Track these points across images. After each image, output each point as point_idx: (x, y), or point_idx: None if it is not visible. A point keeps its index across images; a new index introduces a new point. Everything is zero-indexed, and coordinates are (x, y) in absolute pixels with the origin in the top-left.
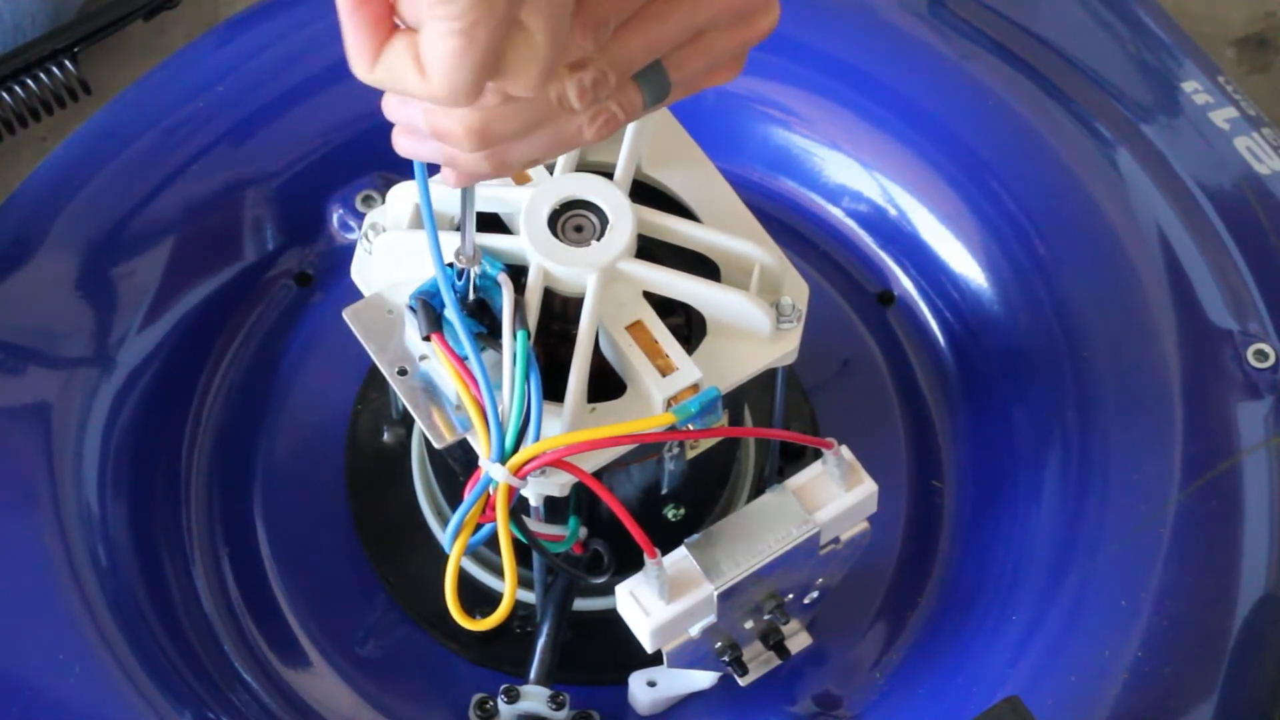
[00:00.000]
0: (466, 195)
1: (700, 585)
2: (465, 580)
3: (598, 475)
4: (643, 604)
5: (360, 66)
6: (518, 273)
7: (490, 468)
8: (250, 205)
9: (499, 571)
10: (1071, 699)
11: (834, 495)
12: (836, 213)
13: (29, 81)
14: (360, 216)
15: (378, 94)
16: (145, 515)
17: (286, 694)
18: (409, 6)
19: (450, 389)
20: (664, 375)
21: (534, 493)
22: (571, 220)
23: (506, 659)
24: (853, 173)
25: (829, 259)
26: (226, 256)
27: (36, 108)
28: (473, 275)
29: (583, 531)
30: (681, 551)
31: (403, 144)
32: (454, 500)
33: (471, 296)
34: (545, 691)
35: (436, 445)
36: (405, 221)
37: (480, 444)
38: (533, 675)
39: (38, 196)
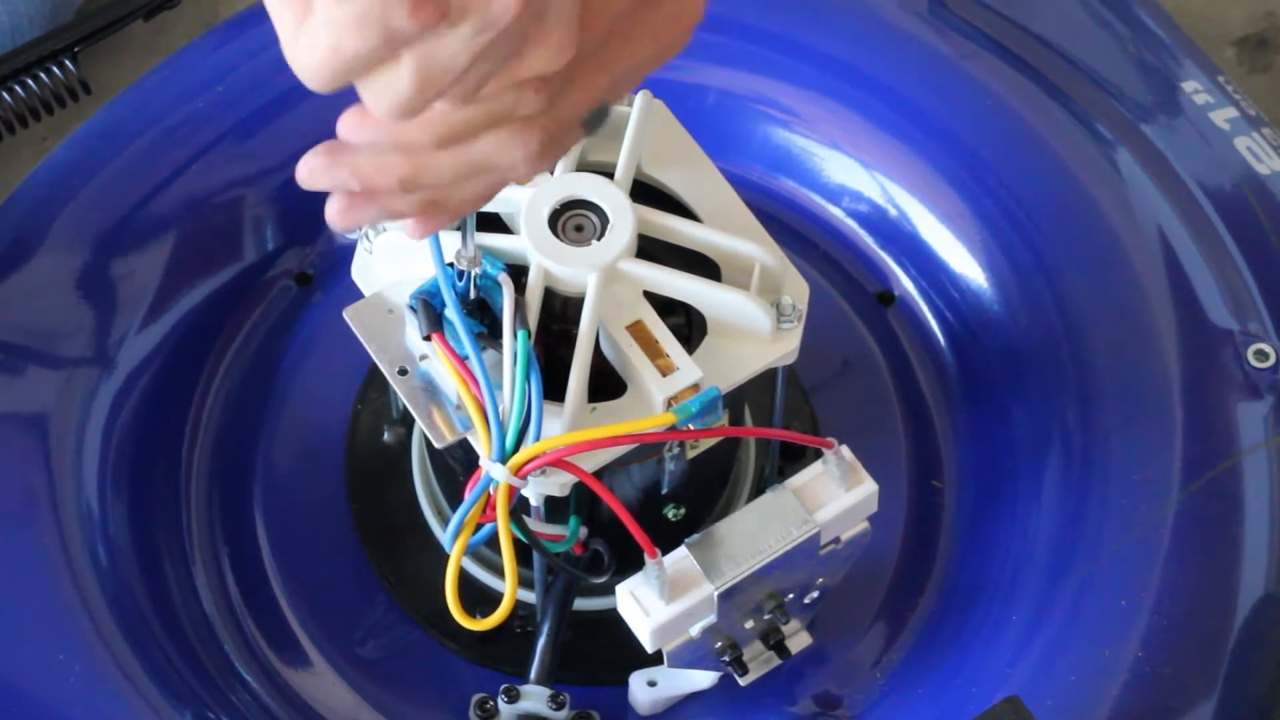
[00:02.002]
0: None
1: (700, 585)
2: (465, 580)
3: (598, 475)
4: (643, 604)
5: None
6: (518, 272)
7: (491, 467)
8: (250, 205)
9: (499, 571)
10: (1071, 699)
11: (834, 495)
12: (836, 213)
13: (29, 81)
14: None
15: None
16: (145, 515)
17: (286, 694)
18: None
19: (450, 389)
20: (664, 375)
21: (534, 492)
22: (572, 220)
23: (506, 659)
24: (853, 173)
25: (829, 259)
26: (226, 256)
27: (36, 108)
28: (473, 276)
29: (583, 531)
30: (681, 551)
31: (342, 220)
32: (454, 500)
33: (472, 296)
34: (545, 691)
35: (437, 445)
36: None
37: (480, 444)
38: (533, 675)
39: (38, 196)
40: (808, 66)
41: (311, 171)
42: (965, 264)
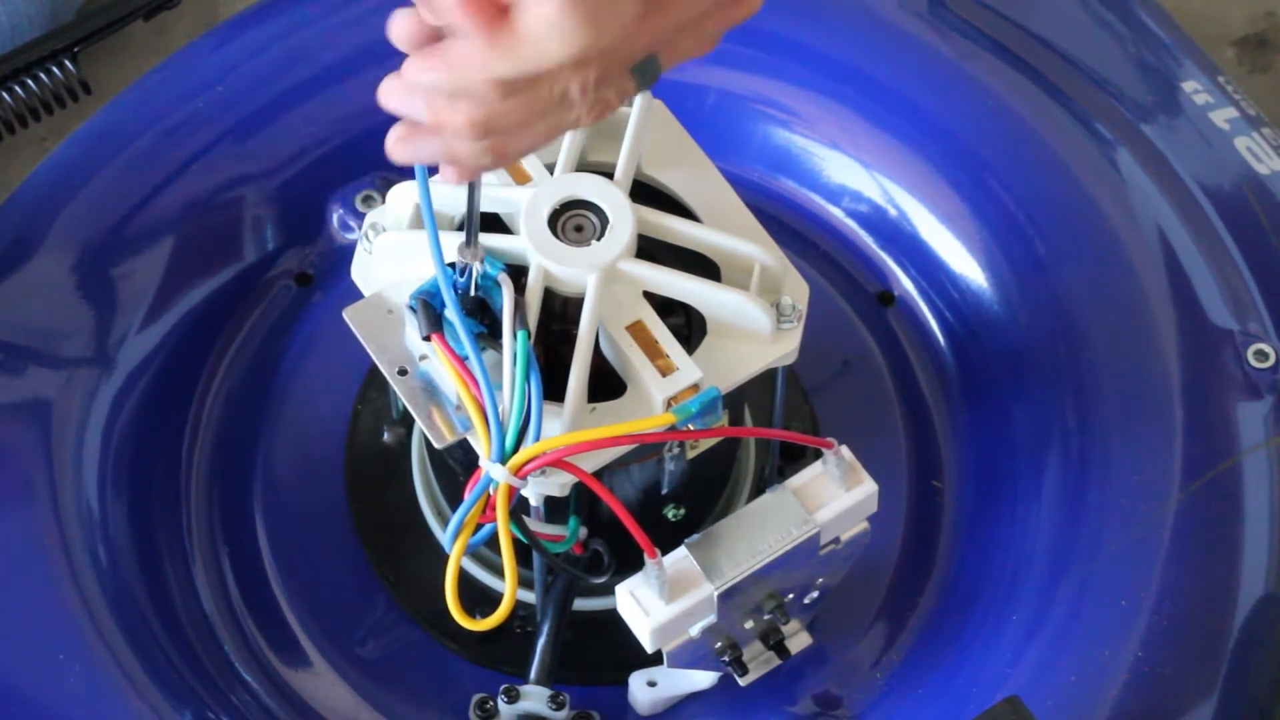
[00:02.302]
0: (473, 190)
1: (700, 585)
2: (465, 580)
3: (598, 475)
4: (643, 604)
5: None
6: (518, 273)
7: (490, 468)
8: (250, 205)
9: (499, 571)
10: (1071, 699)
11: (834, 495)
12: (836, 213)
13: (29, 81)
14: (360, 216)
15: (377, 93)
16: (145, 515)
17: (286, 694)
18: None
19: (450, 389)
20: (664, 375)
21: (534, 493)
22: (572, 220)
23: (506, 659)
24: (853, 173)
25: (829, 259)
26: (226, 256)
27: (36, 108)
28: (475, 272)
29: (583, 531)
30: (681, 551)
31: (399, 151)
32: (454, 500)
33: (472, 294)
34: (545, 691)
35: (437, 445)
36: (405, 221)
37: (480, 444)
38: (533, 675)
39: (38, 196)
40: (808, 67)
41: (388, 90)
42: (965, 264)
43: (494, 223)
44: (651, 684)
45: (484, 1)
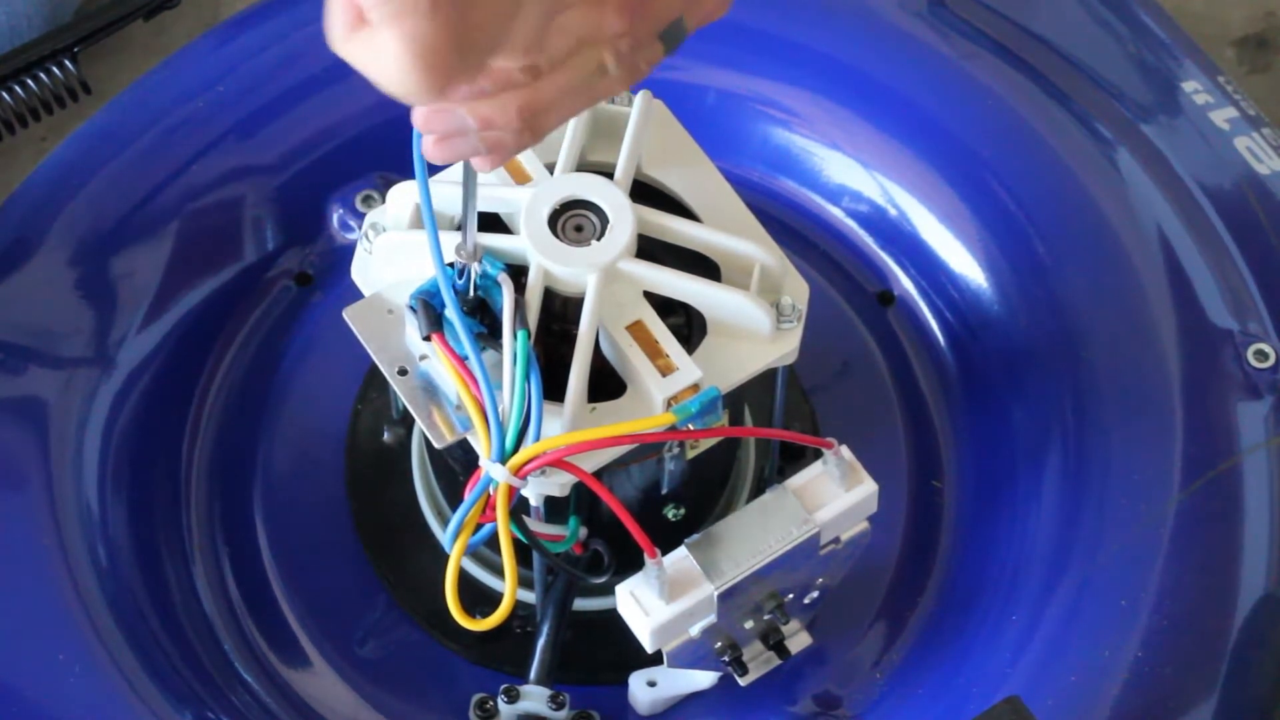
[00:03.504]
0: (468, 189)
1: (700, 585)
2: (465, 580)
3: (598, 475)
4: (643, 604)
5: (334, 39)
6: (518, 272)
7: (490, 467)
8: (250, 205)
9: (499, 571)
10: (1071, 699)
11: (834, 495)
12: (836, 213)
13: (29, 81)
14: (360, 216)
15: (378, 93)
16: (145, 515)
17: (286, 694)
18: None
19: (450, 389)
20: (664, 375)
21: (534, 493)
22: (572, 220)
23: (506, 659)
24: (853, 173)
25: (829, 259)
26: (226, 256)
27: (36, 108)
28: (474, 272)
29: (583, 531)
30: (681, 551)
31: (441, 154)
32: (454, 500)
33: (472, 294)
34: (545, 691)
35: (436, 445)
36: (405, 221)
37: (480, 444)
38: (533, 675)
39: (38, 196)
40: (808, 67)
41: (429, 114)
42: (965, 264)
43: (494, 222)
44: (651, 684)
45: None
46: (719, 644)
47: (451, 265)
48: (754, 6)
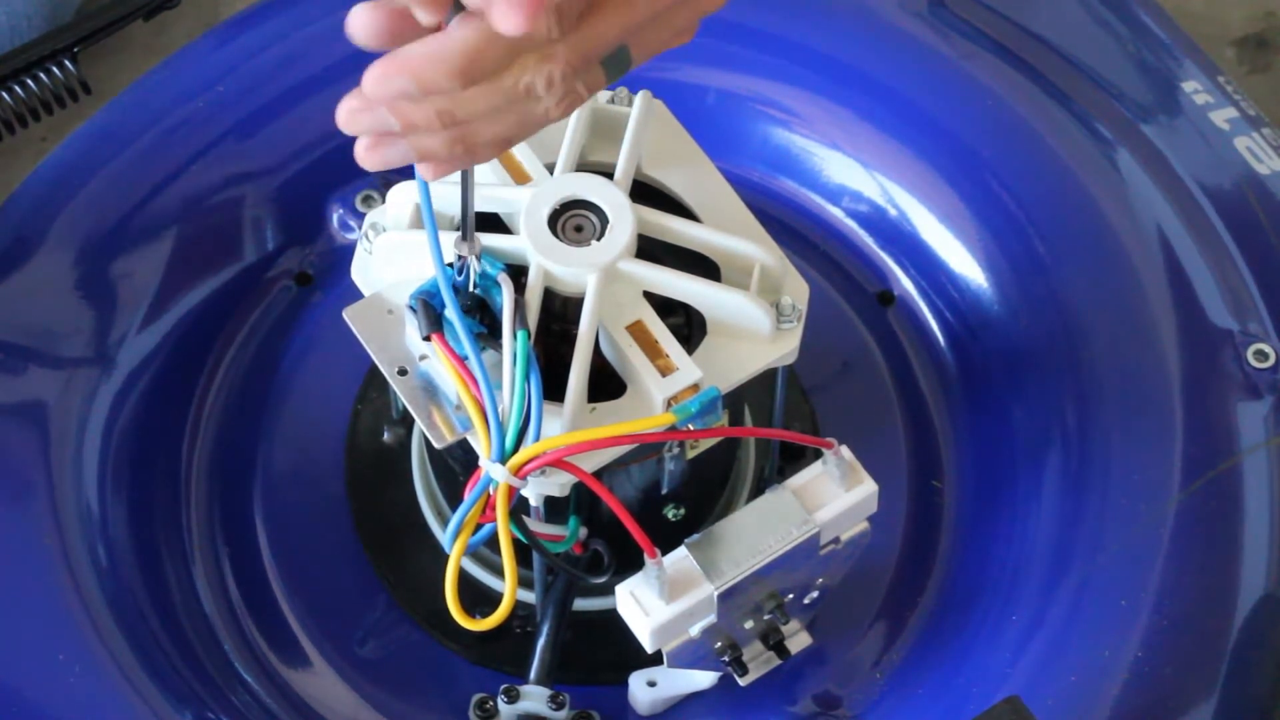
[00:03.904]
0: (466, 184)
1: (700, 585)
2: (465, 580)
3: (598, 475)
4: (643, 604)
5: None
6: (518, 273)
7: (490, 468)
8: (250, 205)
9: (499, 571)
10: (1071, 699)
11: (834, 495)
12: (836, 213)
13: (29, 81)
14: (360, 216)
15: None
16: (145, 515)
17: (286, 694)
18: None
19: (450, 389)
20: (664, 375)
21: (534, 493)
22: (572, 220)
23: (506, 659)
24: (853, 173)
25: (829, 259)
26: (226, 256)
27: (36, 108)
28: (473, 267)
29: (583, 531)
30: (681, 551)
31: (370, 159)
32: (454, 500)
33: (471, 288)
34: (545, 691)
35: (436, 445)
36: (405, 221)
37: (480, 444)
38: (533, 675)
39: (38, 196)
40: (808, 67)
41: (351, 112)
42: (965, 264)
43: (494, 222)
44: (651, 684)
45: None
46: (719, 644)
47: (451, 265)
48: (754, 6)
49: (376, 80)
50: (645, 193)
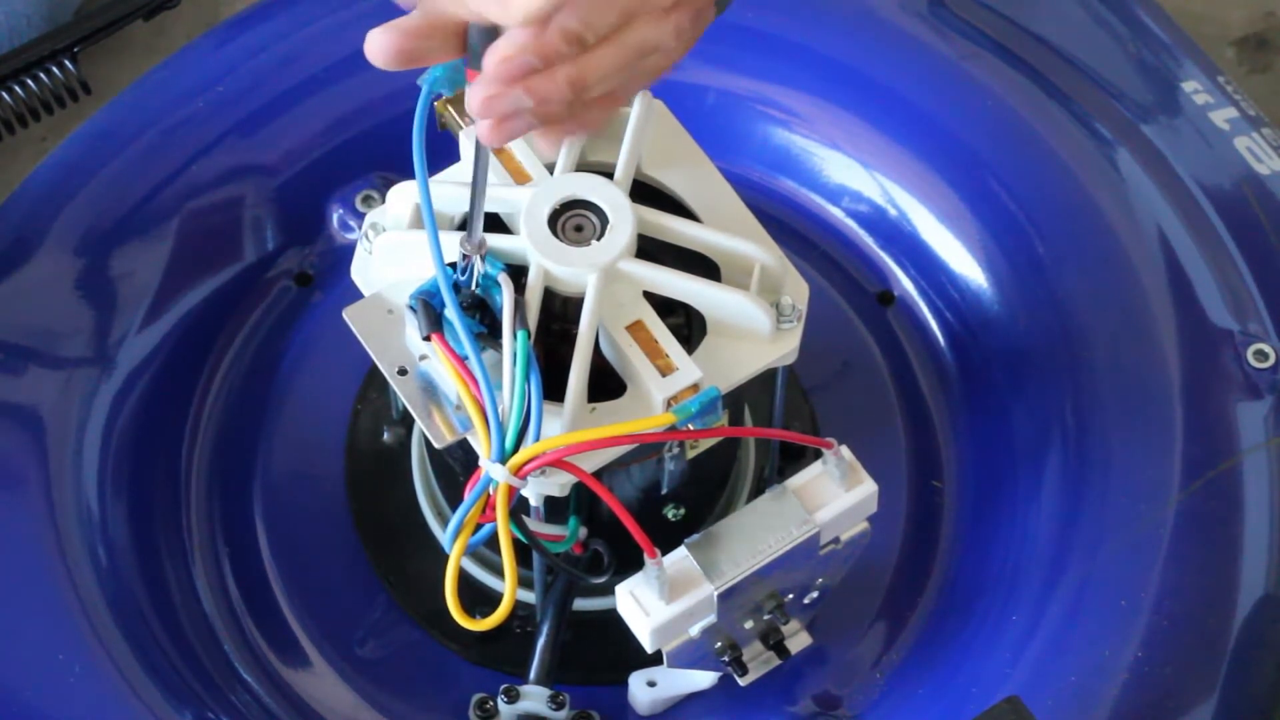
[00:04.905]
0: (478, 179)
1: (700, 585)
2: (465, 580)
3: (598, 475)
4: (643, 604)
5: None
6: (518, 272)
7: (490, 468)
8: (250, 205)
9: (499, 571)
10: (1071, 699)
11: (834, 495)
12: (836, 213)
13: (29, 81)
14: (360, 216)
15: (378, 93)
16: (145, 515)
17: (286, 694)
18: None
19: (450, 389)
20: (664, 375)
21: (534, 493)
22: (572, 220)
23: (506, 659)
24: (853, 173)
25: (829, 259)
26: (226, 256)
27: (36, 108)
28: (478, 266)
29: (583, 531)
30: (681, 551)
31: (496, 137)
32: (454, 500)
33: (474, 287)
34: (545, 691)
35: (436, 445)
36: (405, 221)
37: (480, 444)
38: (533, 675)
39: (38, 196)
40: (808, 67)
41: (487, 100)
42: (965, 264)
43: (494, 222)
44: (651, 684)
45: None
46: (719, 644)
47: (452, 265)
48: (754, 6)
49: (501, 63)
50: (645, 193)
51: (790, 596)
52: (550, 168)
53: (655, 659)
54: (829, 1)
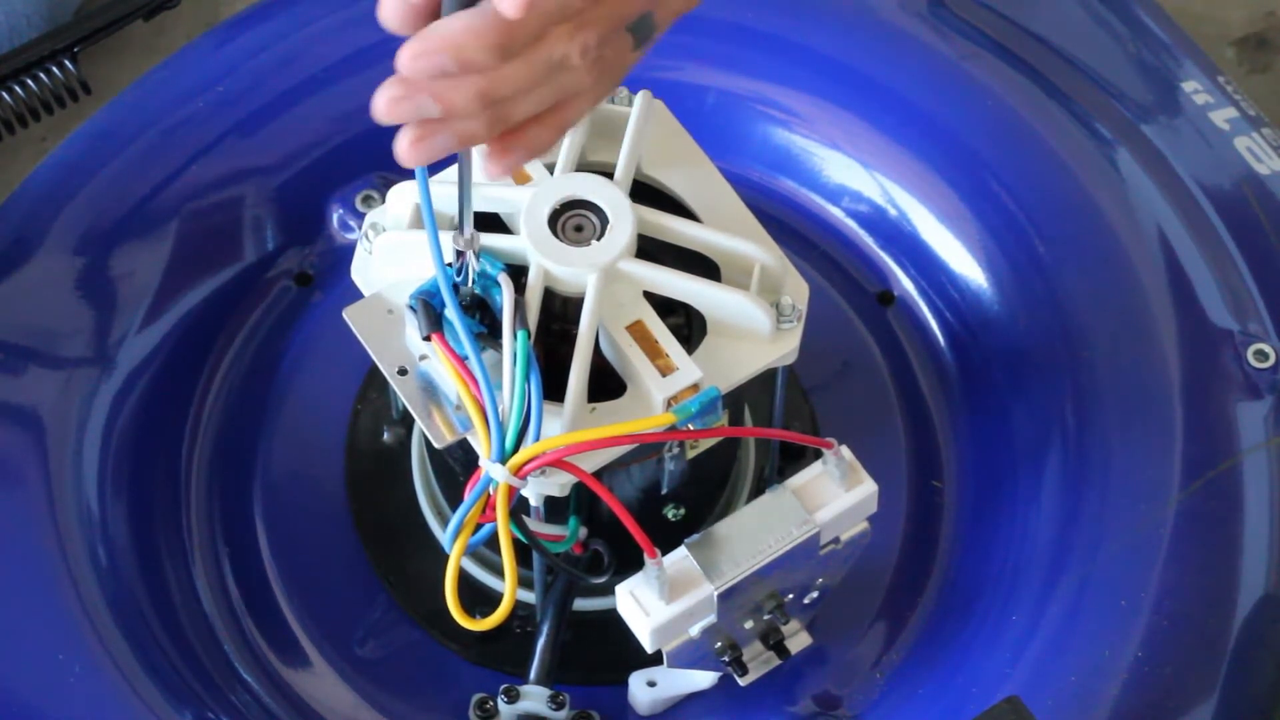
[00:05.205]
0: (463, 177)
1: (700, 585)
2: (465, 580)
3: (598, 475)
4: (643, 604)
5: None
6: (518, 272)
7: (490, 467)
8: (250, 205)
9: (499, 571)
10: (1071, 699)
11: (834, 495)
12: (836, 213)
13: (29, 81)
14: (360, 216)
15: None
16: (145, 515)
17: (286, 694)
18: None
19: (450, 389)
20: (664, 375)
21: (534, 493)
22: (572, 220)
23: (506, 659)
24: (853, 173)
25: (829, 259)
26: (226, 256)
27: (36, 108)
28: (471, 264)
29: (583, 531)
30: (681, 551)
31: (414, 155)
32: (454, 500)
33: (470, 283)
34: (545, 691)
35: (436, 445)
36: (405, 221)
37: (480, 444)
38: (533, 675)
39: (38, 196)
40: (808, 67)
41: (391, 101)
42: (965, 264)
43: (494, 222)
44: (651, 684)
45: None
46: (719, 644)
47: (452, 265)
48: (754, 6)
49: (413, 57)
50: (645, 193)
51: (790, 596)
52: (550, 168)
53: (655, 659)
54: (829, 1)
